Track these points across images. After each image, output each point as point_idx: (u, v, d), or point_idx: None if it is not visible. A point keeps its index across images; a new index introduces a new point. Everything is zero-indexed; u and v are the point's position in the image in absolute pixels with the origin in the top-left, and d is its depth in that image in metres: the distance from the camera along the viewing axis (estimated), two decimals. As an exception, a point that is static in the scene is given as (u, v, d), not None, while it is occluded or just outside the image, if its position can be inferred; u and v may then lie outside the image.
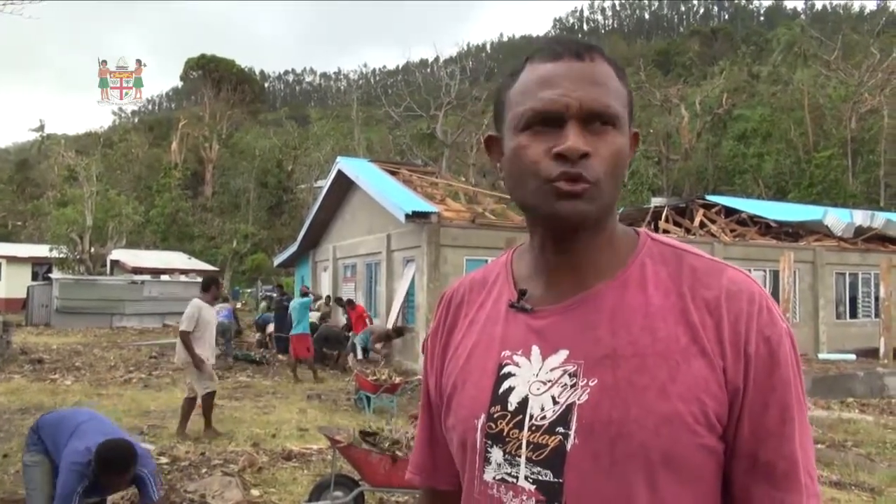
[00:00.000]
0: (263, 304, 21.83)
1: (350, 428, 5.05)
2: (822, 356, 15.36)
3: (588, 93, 0.89)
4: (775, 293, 14.59)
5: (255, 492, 5.32)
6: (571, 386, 0.88)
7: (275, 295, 19.84)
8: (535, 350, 0.92)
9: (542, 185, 0.88)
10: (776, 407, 0.87)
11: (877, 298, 16.54)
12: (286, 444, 6.88)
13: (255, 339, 16.92)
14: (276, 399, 9.95)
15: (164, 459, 6.00)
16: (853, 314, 17.82)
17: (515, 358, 0.94)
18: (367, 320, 14.80)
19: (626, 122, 0.93)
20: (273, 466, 6.03)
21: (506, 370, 0.94)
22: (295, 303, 13.07)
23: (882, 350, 13.98)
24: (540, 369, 0.91)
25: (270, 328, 16.05)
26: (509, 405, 0.91)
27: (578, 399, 0.87)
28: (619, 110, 0.91)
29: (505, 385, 0.93)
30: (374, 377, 9.14)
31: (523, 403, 0.90)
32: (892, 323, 14.54)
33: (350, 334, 14.22)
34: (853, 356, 15.08)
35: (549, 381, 0.90)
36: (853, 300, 17.81)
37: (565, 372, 0.89)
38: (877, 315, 16.27)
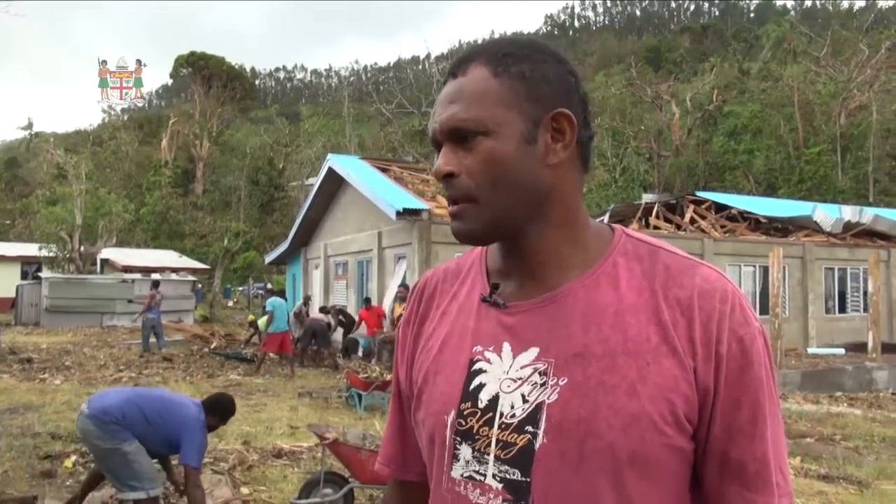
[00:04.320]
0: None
1: (340, 426, 5.06)
2: (811, 350, 15.48)
3: (444, 114, 0.92)
4: (765, 288, 14.69)
5: (244, 490, 5.31)
6: (542, 384, 0.88)
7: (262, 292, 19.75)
8: (507, 347, 0.92)
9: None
10: (748, 406, 0.86)
11: (865, 293, 16.65)
12: (277, 441, 6.86)
13: (243, 338, 16.85)
14: (267, 397, 9.92)
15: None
16: (842, 309, 17.94)
17: (487, 354, 0.93)
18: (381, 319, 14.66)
19: (508, 122, 0.89)
20: (263, 464, 6.02)
21: (477, 366, 0.93)
22: (274, 301, 12.70)
23: (871, 344, 14.05)
24: (511, 367, 0.90)
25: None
26: (479, 402, 0.91)
27: (548, 398, 0.87)
28: (479, 117, 0.89)
29: (476, 381, 0.92)
30: (366, 375, 9.14)
31: (494, 401, 0.90)
32: (880, 317, 14.64)
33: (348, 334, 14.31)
34: (842, 350, 15.20)
35: (520, 378, 0.89)
36: (842, 295, 17.93)
37: (535, 370, 0.89)
38: (865, 310, 16.37)
